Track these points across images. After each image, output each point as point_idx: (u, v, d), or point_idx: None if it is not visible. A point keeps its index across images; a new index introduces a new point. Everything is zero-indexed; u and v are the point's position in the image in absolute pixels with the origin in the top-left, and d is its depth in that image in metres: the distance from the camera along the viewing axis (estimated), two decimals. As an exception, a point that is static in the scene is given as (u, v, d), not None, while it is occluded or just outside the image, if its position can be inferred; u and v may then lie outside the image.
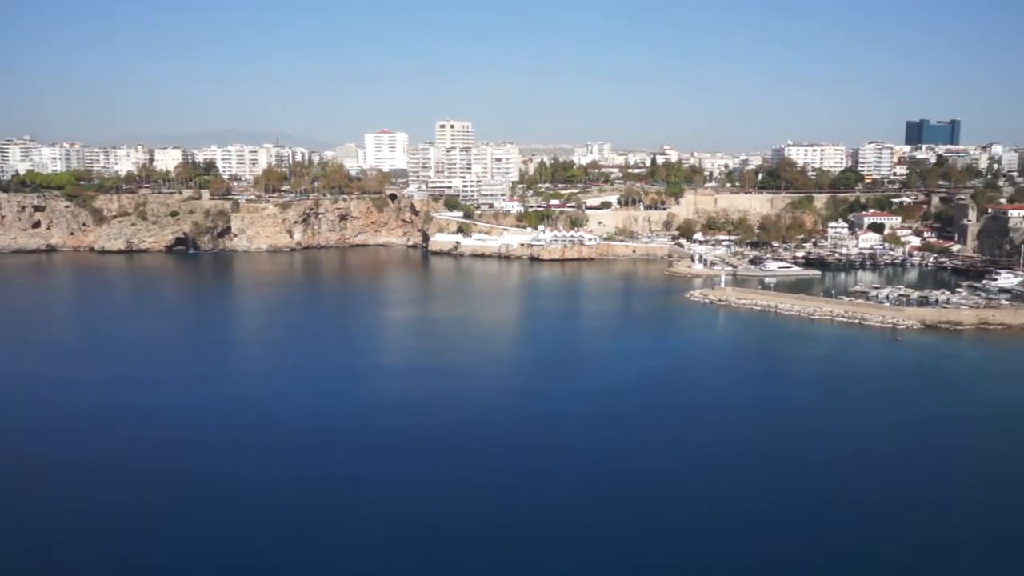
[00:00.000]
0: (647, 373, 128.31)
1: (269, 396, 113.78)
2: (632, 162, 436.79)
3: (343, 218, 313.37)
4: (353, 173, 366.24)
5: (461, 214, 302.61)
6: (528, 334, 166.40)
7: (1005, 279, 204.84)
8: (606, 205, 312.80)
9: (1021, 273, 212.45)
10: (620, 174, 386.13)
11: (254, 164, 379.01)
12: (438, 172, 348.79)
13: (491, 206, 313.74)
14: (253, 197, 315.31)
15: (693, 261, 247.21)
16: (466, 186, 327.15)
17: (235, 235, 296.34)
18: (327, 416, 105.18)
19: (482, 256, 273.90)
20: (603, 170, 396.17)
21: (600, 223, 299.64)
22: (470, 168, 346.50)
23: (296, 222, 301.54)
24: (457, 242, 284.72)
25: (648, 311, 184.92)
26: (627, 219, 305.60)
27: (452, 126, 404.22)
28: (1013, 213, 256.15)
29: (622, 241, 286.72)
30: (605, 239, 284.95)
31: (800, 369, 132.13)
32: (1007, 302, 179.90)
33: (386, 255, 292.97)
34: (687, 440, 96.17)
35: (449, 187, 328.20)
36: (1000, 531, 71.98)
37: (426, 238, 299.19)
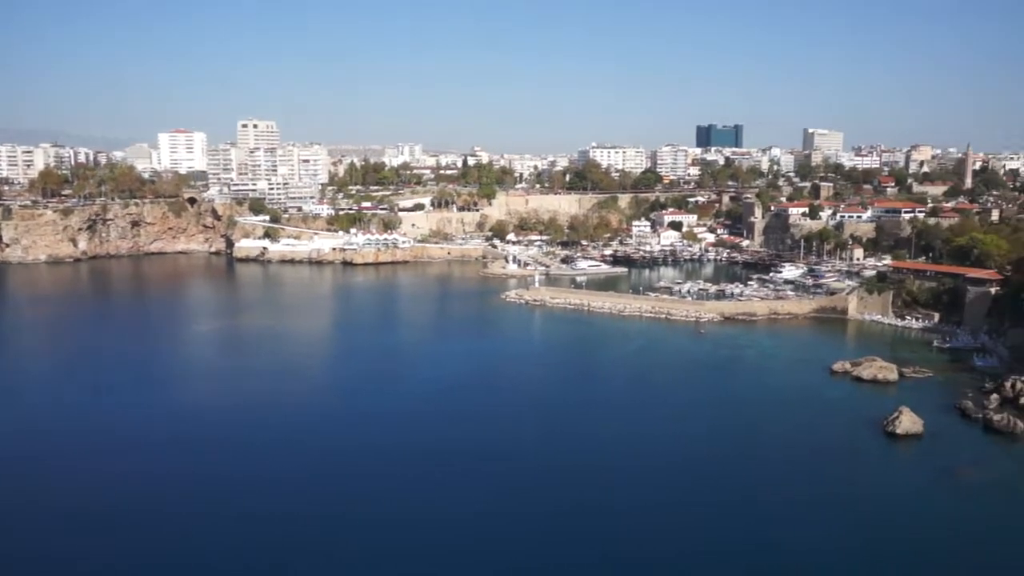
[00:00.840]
0: (463, 375, 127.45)
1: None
2: (444, 163, 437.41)
3: (136, 224, 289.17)
4: (146, 175, 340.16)
5: (268, 218, 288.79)
6: (342, 342, 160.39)
7: (789, 271, 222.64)
8: (419, 207, 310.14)
9: (802, 265, 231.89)
10: (432, 176, 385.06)
11: (29, 166, 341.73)
12: (241, 174, 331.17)
13: (300, 209, 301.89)
14: (28, 202, 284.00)
15: (507, 262, 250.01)
16: (272, 189, 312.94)
17: (7, 245, 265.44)
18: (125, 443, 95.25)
19: (292, 262, 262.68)
20: (415, 172, 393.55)
21: (414, 225, 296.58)
22: (276, 170, 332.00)
23: (80, 229, 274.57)
24: (264, 248, 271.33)
25: (465, 313, 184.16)
26: (441, 221, 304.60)
27: (255, 125, 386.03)
28: (792, 210, 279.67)
29: (437, 243, 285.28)
30: (419, 241, 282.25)
31: (613, 367, 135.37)
32: (792, 292, 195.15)
33: (186, 263, 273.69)
34: (488, 438, 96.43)
35: (254, 190, 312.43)
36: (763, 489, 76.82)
37: (230, 244, 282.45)
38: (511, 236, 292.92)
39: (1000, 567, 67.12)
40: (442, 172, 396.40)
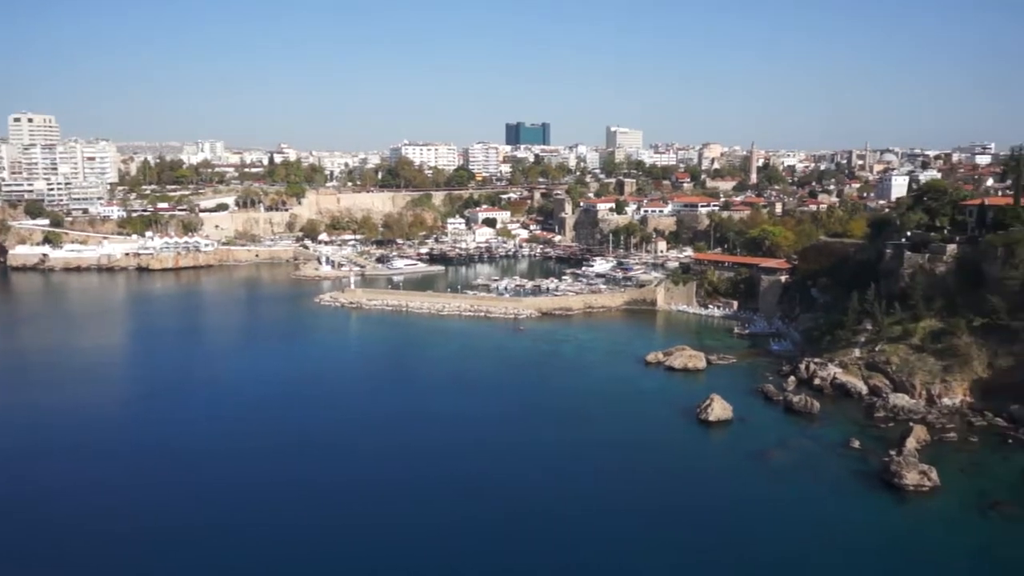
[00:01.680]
0: (274, 385, 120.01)
1: None
2: (248, 161, 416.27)
3: None
4: None
5: (48, 222, 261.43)
6: (136, 357, 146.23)
7: (600, 265, 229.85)
8: (223, 207, 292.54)
9: (612, 259, 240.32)
10: (236, 174, 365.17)
11: None
12: (15, 173, 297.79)
13: (86, 212, 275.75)
14: None
15: (320, 263, 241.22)
16: (52, 189, 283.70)
17: None
18: None
19: (78, 269, 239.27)
20: (217, 170, 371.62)
21: (217, 227, 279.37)
22: (56, 168, 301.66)
23: None
24: (44, 255, 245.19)
25: (277, 319, 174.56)
26: (247, 221, 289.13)
27: (31, 120, 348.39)
28: (600, 206, 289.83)
29: (243, 245, 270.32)
30: (224, 244, 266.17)
31: (434, 369, 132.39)
32: (604, 286, 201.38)
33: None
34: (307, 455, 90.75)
35: (30, 191, 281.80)
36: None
37: (3, 251, 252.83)
38: (323, 236, 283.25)
39: (804, 542, 70.95)
40: (247, 170, 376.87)
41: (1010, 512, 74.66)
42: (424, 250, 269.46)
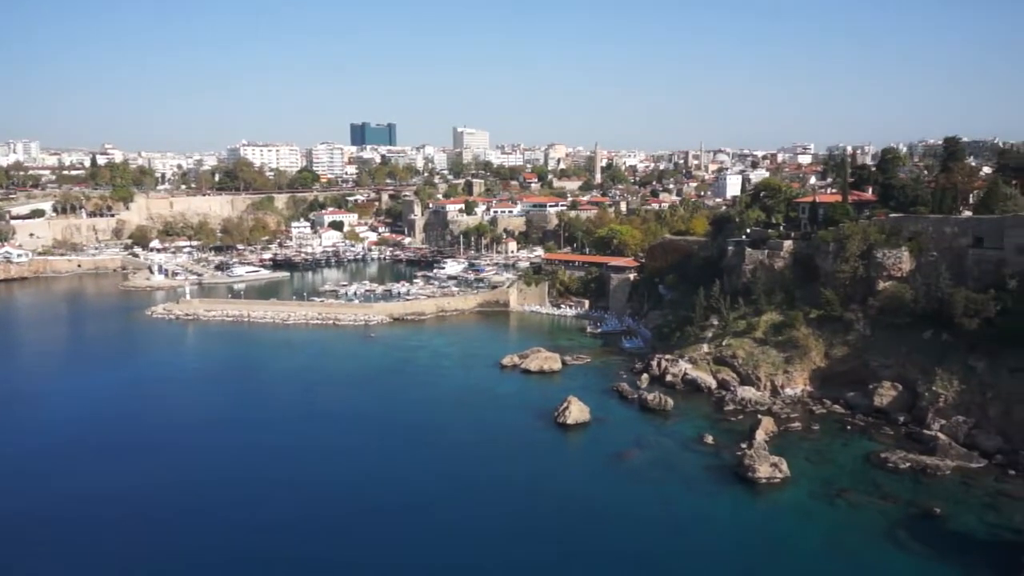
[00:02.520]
0: (99, 411, 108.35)
1: None
2: (68, 163, 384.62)
3: None
4: None
5: None
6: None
7: (451, 267, 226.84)
8: (38, 213, 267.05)
9: (463, 260, 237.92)
10: (54, 177, 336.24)
11: None
12: None
13: None
14: None
15: (152, 272, 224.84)
16: None
17: None
18: None
19: None
20: (31, 173, 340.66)
21: (33, 235, 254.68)
22: None
23: None
24: None
25: (103, 336, 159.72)
26: (67, 229, 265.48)
27: None
28: (450, 207, 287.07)
29: (64, 255, 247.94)
30: (40, 254, 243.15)
31: (281, 383, 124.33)
32: (456, 288, 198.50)
33: None
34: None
35: None
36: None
37: None
38: (155, 243, 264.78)
39: (664, 541, 70.69)
40: (66, 173, 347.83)
41: (855, 500, 77.42)
42: (267, 256, 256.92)
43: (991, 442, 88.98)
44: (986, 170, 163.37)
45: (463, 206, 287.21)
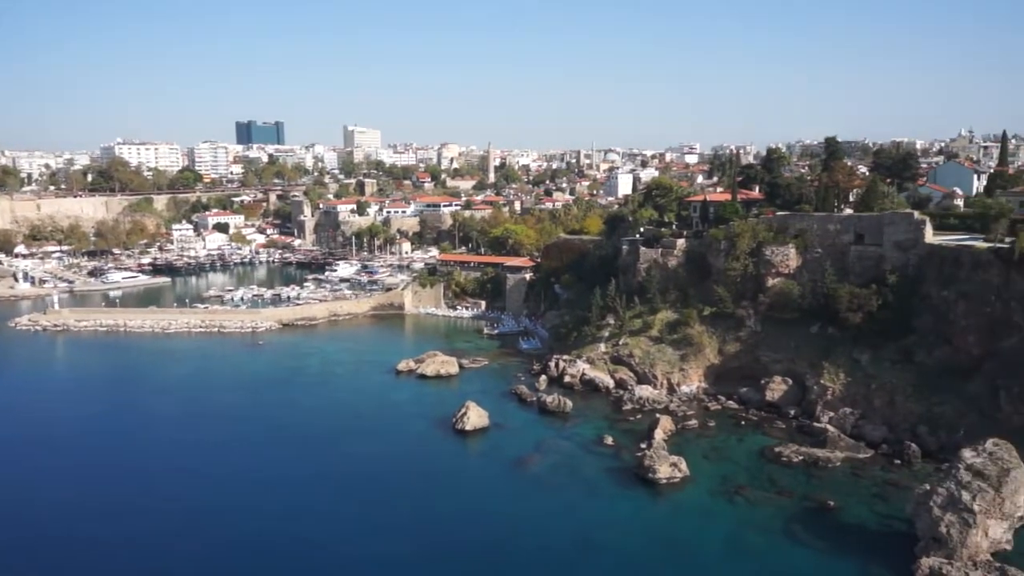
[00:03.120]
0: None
1: None
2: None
3: None
4: None
5: None
6: None
7: (344, 269, 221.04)
8: None
9: (356, 262, 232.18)
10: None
11: None
12: None
13: None
14: None
15: (17, 280, 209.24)
16: None
17: None
18: None
19: None
20: None
21: None
22: None
23: None
24: None
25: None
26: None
27: None
28: (341, 208, 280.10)
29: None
30: None
31: (161, 398, 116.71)
32: (349, 291, 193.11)
33: None
34: None
35: None
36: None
37: None
38: (20, 248, 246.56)
39: (568, 548, 69.24)
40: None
41: (753, 496, 78.08)
42: (146, 260, 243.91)
43: (877, 432, 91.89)
44: (861, 169, 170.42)
45: (355, 206, 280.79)
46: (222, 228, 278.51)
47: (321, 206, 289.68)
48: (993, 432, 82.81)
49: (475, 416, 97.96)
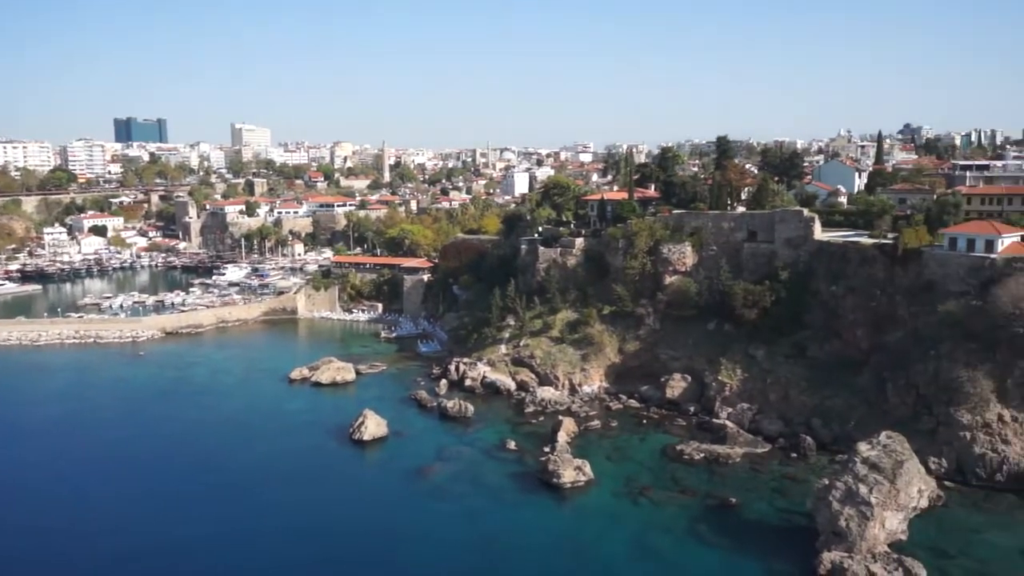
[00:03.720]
0: None
1: None
2: None
3: None
4: None
5: None
6: None
7: (233, 273, 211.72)
8: None
9: (246, 265, 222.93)
10: None
11: None
12: None
13: None
14: None
15: None
16: None
17: None
18: None
19: None
20: None
21: None
22: None
23: None
24: None
25: None
26: None
27: None
28: (229, 208, 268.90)
29: None
30: None
31: (30, 415, 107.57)
32: (238, 296, 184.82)
33: None
34: None
35: None
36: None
37: None
38: None
39: (473, 559, 67.01)
40: None
41: (656, 497, 77.70)
42: (14, 267, 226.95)
43: (773, 426, 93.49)
44: (749, 167, 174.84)
45: (244, 207, 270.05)
46: (99, 231, 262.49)
47: (208, 207, 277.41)
48: (882, 423, 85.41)
49: (373, 425, 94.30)
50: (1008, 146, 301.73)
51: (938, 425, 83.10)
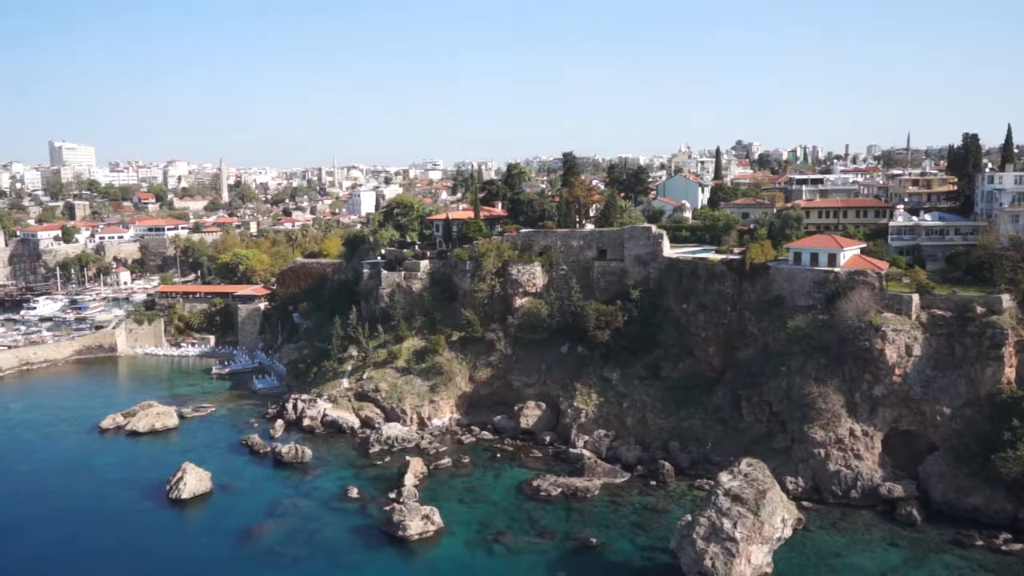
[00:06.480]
0: None
1: None
2: None
3: None
4: None
5: None
6: None
7: (45, 306, 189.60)
8: None
9: (61, 297, 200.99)
10: None
11: None
12: None
13: None
14: None
15: None
16: None
17: None
18: None
19: None
20: None
21: None
22: None
23: None
24: None
25: None
26: None
27: None
28: (42, 235, 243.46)
29: None
30: None
31: None
32: (48, 333, 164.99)
33: None
34: None
35: None
36: None
37: None
38: None
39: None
40: None
41: (513, 543, 71.44)
42: None
43: (631, 453, 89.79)
44: (596, 183, 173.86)
45: (60, 232, 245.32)
46: None
47: (19, 233, 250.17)
48: (738, 443, 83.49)
49: (194, 480, 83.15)
50: (835, 160, 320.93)
51: (792, 442, 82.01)
